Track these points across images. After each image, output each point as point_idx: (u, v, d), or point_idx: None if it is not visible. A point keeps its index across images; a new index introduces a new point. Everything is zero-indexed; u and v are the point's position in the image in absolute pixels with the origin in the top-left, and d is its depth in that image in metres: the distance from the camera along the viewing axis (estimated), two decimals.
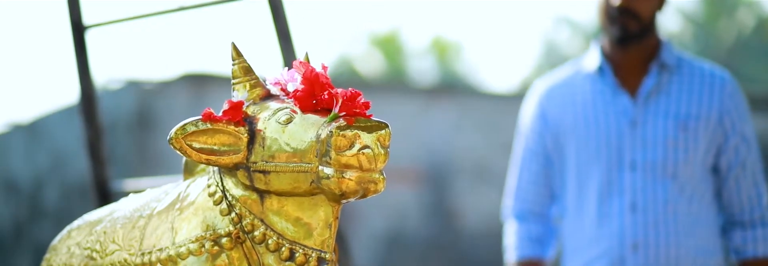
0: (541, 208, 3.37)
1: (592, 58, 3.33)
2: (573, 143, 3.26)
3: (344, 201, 1.68)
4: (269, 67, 2.13)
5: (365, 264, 11.49)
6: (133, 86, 10.85)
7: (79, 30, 2.85)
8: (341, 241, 2.70)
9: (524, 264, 3.36)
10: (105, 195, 2.87)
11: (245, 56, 1.80)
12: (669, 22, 27.26)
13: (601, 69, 3.28)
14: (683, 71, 3.26)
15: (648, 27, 3.26)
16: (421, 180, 11.72)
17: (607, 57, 3.30)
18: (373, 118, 1.69)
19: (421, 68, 28.03)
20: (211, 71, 10.36)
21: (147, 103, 10.68)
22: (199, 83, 10.38)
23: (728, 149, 3.22)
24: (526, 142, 3.39)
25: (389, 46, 28.10)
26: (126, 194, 2.06)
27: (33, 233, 11.37)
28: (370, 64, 28.10)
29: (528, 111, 3.42)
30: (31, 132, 12.46)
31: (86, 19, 2.86)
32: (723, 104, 3.22)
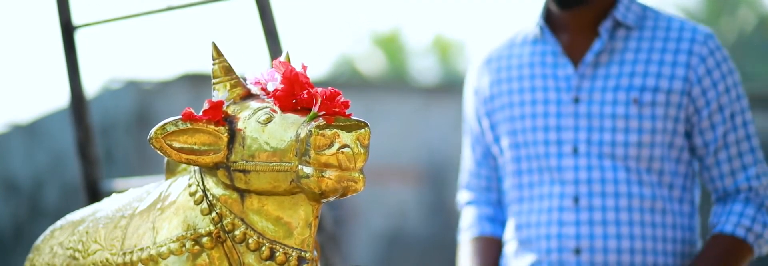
0: (495, 197, 2.73)
1: (532, 21, 2.66)
2: (507, 122, 2.63)
3: (324, 200, 1.69)
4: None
5: (365, 262, 11.50)
6: (133, 85, 10.88)
7: (68, 30, 2.86)
8: (334, 241, 2.70)
9: (485, 240, 2.70)
10: (96, 195, 2.88)
11: (227, 56, 1.81)
12: None
13: (541, 29, 2.62)
14: (644, 30, 2.58)
15: None
16: (421, 179, 11.73)
17: (551, 16, 2.62)
18: (354, 117, 1.69)
19: (423, 67, 28.07)
20: (210, 70, 10.39)
21: (147, 103, 10.70)
22: (198, 82, 10.41)
23: (702, 125, 2.54)
24: (467, 124, 2.77)
25: (390, 46, 28.14)
26: (119, 193, 2.06)
27: (33, 233, 11.40)
28: (371, 63, 28.13)
29: (467, 86, 2.78)
30: (31, 132, 12.48)
31: (76, 20, 2.87)
32: (690, 68, 2.52)
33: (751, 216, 2.52)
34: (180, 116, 1.73)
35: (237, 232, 1.72)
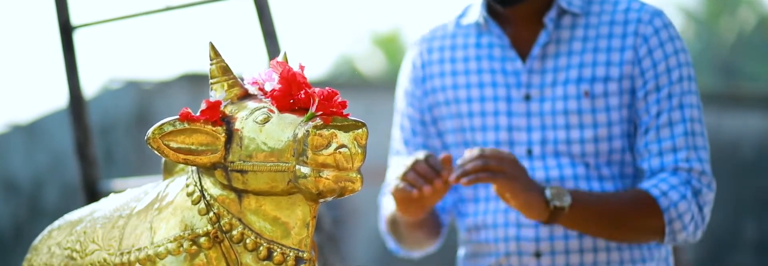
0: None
1: (474, 11, 2.50)
2: (455, 118, 2.47)
3: (322, 200, 1.69)
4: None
5: (364, 262, 11.50)
6: (133, 86, 10.89)
7: (67, 30, 2.86)
8: (333, 241, 2.70)
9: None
10: (94, 195, 2.89)
11: (225, 56, 1.81)
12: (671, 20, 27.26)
13: (485, 21, 2.46)
14: (591, 16, 2.41)
15: None
16: None
17: (493, 7, 2.46)
18: (352, 117, 1.69)
19: None
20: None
21: (146, 103, 10.71)
22: (197, 82, 10.41)
23: (638, 105, 2.37)
24: (402, 118, 2.57)
25: (391, 46, 28.14)
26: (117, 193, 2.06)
27: (33, 233, 11.39)
28: (371, 63, 28.13)
29: (403, 76, 2.59)
30: (31, 133, 12.48)
31: (74, 20, 2.87)
32: (635, 50, 2.36)
33: (672, 183, 2.31)
34: (177, 116, 1.73)
35: (234, 232, 1.72)
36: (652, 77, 2.36)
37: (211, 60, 1.79)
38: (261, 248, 1.71)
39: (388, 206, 2.55)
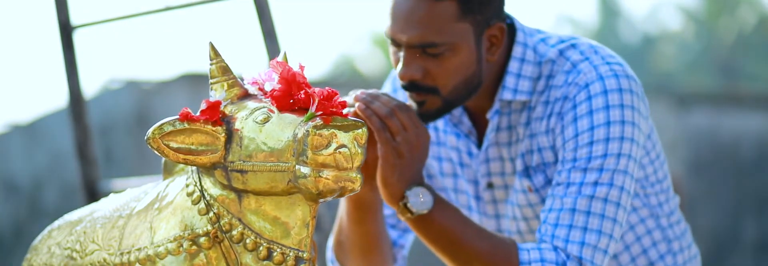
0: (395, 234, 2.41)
1: None
2: (430, 180, 2.36)
3: (321, 200, 1.69)
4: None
5: None
6: (133, 85, 10.88)
7: (66, 30, 2.87)
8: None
9: None
10: (94, 195, 2.89)
11: (225, 56, 1.81)
12: (671, 20, 27.31)
13: None
14: (533, 96, 2.19)
15: (460, 96, 2.15)
16: None
17: None
18: (351, 117, 1.69)
19: None
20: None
21: (146, 103, 10.71)
22: (197, 82, 10.40)
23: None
24: None
25: None
26: (116, 193, 2.06)
27: (33, 233, 11.39)
28: (371, 63, 28.13)
29: None
30: (31, 133, 12.48)
31: (74, 20, 2.88)
32: (554, 131, 2.16)
33: (545, 257, 2.08)
34: (177, 116, 1.73)
35: (234, 232, 1.72)
36: (562, 152, 2.14)
37: (211, 60, 1.79)
38: (261, 248, 1.71)
39: (337, 223, 2.35)
